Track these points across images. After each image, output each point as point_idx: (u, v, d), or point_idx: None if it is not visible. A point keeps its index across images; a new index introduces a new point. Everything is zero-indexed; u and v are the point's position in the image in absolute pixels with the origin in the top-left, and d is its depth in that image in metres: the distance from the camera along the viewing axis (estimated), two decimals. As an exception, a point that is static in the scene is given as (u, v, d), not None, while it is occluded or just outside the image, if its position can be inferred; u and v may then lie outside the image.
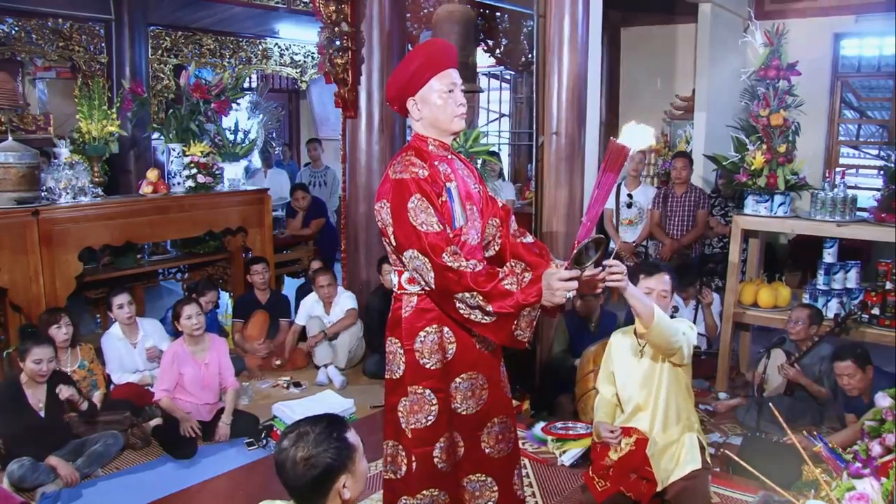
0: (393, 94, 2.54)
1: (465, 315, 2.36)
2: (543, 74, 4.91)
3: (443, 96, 2.45)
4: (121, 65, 7.42)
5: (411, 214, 2.34)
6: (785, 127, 4.90)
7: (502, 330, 2.35)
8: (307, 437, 1.88)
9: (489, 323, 2.34)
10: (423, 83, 2.45)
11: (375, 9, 5.55)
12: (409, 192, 2.36)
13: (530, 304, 2.29)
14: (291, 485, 1.89)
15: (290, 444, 1.88)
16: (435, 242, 2.31)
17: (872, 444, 1.76)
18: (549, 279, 2.28)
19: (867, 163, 7.72)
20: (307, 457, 1.86)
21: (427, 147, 2.51)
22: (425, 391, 2.51)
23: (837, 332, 4.58)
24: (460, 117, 2.51)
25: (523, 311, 2.30)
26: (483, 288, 2.28)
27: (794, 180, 4.93)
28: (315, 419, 1.95)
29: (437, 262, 2.30)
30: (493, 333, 2.39)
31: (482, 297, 2.28)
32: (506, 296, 2.28)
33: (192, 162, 5.64)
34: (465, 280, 2.28)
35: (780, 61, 4.88)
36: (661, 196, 6.17)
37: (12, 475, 3.64)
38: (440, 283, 2.33)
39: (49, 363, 3.85)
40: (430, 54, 2.48)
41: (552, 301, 2.28)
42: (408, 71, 2.47)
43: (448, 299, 2.36)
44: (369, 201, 5.69)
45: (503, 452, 2.65)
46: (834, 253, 5.00)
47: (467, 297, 2.30)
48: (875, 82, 7.65)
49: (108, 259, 5.62)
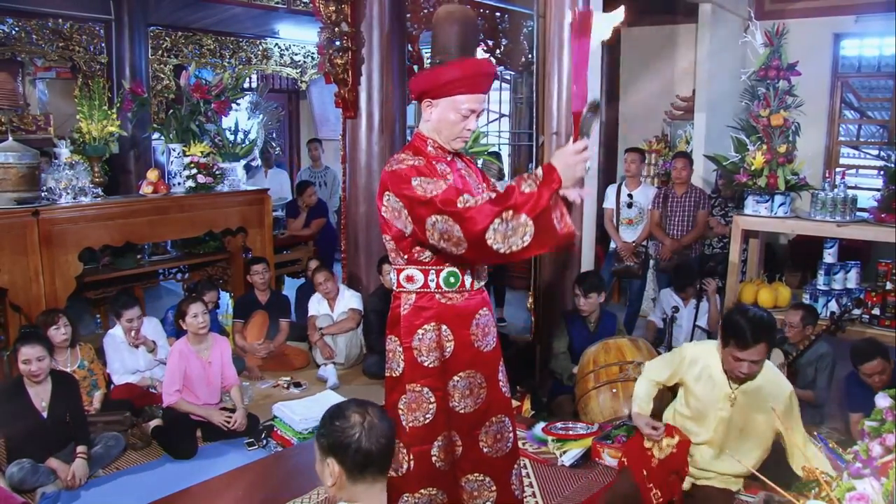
0: (419, 88, 2.51)
1: (506, 250, 2.24)
2: (543, 75, 4.92)
3: (458, 115, 2.45)
4: (121, 65, 7.42)
5: (419, 189, 2.33)
6: (785, 127, 4.90)
7: (547, 232, 2.24)
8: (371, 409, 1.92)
9: (533, 238, 2.23)
10: (451, 94, 2.43)
11: (375, 9, 5.55)
12: (410, 174, 2.36)
13: (556, 190, 2.24)
14: (381, 452, 1.87)
15: (360, 418, 1.87)
16: (446, 197, 2.28)
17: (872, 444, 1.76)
18: (562, 158, 2.28)
19: (867, 163, 7.72)
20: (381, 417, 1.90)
21: (426, 148, 2.51)
22: (423, 389, 2.51)
23: (834, 330, 4.59)
24: (461, 140, 2.51)
25: (553, 199, 2.23)
26: (508, 202, 2.22)
27: (794, 180, 4.94)
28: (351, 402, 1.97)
29: (456, 210, 2.25)
30: (541, 244, 2.27)
31: (512, 211, 2.20)
32: (531, 196, 2.21)
33: (193, 162, 5.63)
34: (487, 209, 2.23)
35: (780, 61, 4.89)
36: (661, 196, 6.17)
37: (12, 477, 3.63)
38: (468, 229, 2.24)
39: (39, 361, 3.78)
40: (475, 74, 2.46)
41: (574, 177, 2.27)
42: (446, 76, 2.44)
43: (483, 244, 2.24)
44: (369, 202, 5.69)
45: (501, 452, 2.65)
46: (834, 253, 5.01)
47: (498, 225, 2.21)
48: (875, 82, 7.65)
49: (109, 259, 5.62)
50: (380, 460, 1.87)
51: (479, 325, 2.57)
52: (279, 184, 8.39)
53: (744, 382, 3.06)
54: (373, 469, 1.86)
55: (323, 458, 1.88)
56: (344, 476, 1.85)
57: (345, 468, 1.85)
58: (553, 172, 2.25)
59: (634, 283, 6.50)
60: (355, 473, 1.84)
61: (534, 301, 5.46)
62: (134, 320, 4.82)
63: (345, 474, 1.85)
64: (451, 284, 2.50)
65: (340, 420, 1.87)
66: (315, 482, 3.67)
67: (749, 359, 2.93)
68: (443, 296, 2.50)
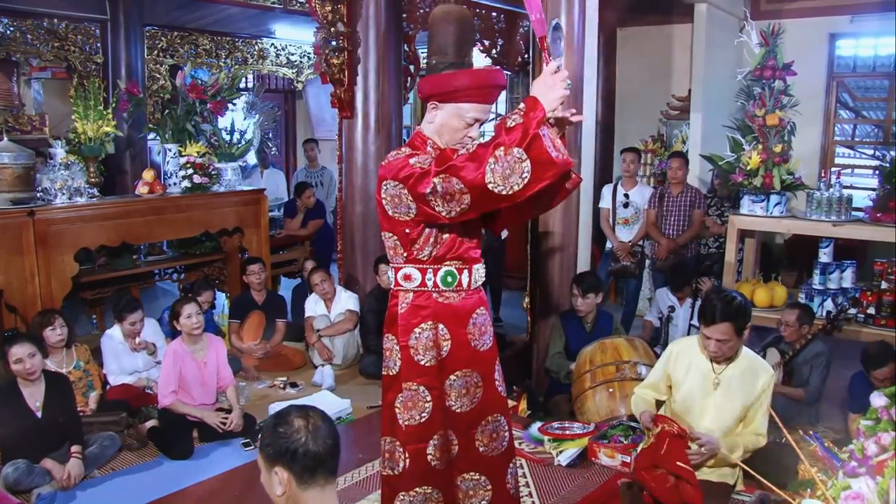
0: (428, 90, 2.51)
1: (508, 192, 2.20)
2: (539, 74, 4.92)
3: (462, 123, 2.45)
4: (116, 65, 7.40)
5: (416, 165, 2.33)
6: (781, 127, 4.91)
7: (543, 162, 2.19)
8: (311, 412, 1.88)
9: (531, 172, 2.19)
10: (459, 101, 2.43)
11: (371, 9, 5.55)
12: (407, 158, 2.37)
13: (542, 117, 2.21)
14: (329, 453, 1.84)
15: (303, 422, 1.84)
16: (440, 157, 2.32)
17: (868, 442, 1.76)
18: (540, 84, 2.27)
19: (863, 163, 7.74)
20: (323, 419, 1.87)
21: (425, 148, 2.51)
22: (419, 388, 2.51)
23: (830, 329, 4.60)
24: (461, 146, 2.49)
25: (542, 127, 2.20)
26: (496, 140, 2.20)
27: (789, 180, 4.95)
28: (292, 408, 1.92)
29: (451, 163, 2.25)
30: (541, 177, 2.21)
31: (503, 148, 2.18)
32: (517, 129, 2.19)
33: (189, 162, 5.63)
34: (479, 151, 2.22)
35: (775, 61, 4.90)
36: (657, 196, 6.18)
37: (7, 478, 3.62)
38: (467, 178, 2.22)
39: (31, 358, 3.78)
40: (485, 86, 2.46)
41: (558, 98, 2.24)
42: (457, 83, 2.43)
43: (487, 190, 2.21)
44: (366, 202, 5.69)
45: (497, 451, 2.65)
46: (830, 252, 5.02)
47: (493, 164, 2.18)
48: (870, 82, 7.67)
49: (105, 260, 5.61)
50: (328, 461, 1.83)
51: (476, 324, 2.58)
52: (275, 184, 8.38)
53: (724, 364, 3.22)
54: (322, 471, 1.82)
55: (269, 468, 1.84)
56: (294, 483, 1.81)
57: (294, 474, 1.80)
58: (535, 102, 2.22)
59: (631, 283, 6.51)
60: (305, 478, 1.81)
61: (530, 301, 5.46)
62: (136, 323, 4.81)
63: (294, 481, 1.81)
64: (448, 283, 2.50)
65: (284, 426, 1.83)
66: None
67: (714, 336, 3.09)
68: (440, 295, 2.50)
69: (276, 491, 1.83)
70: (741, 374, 3.23)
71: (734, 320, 3.07)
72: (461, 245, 2.50)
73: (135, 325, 4.80)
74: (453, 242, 2.49)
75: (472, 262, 2.55)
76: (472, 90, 2.42)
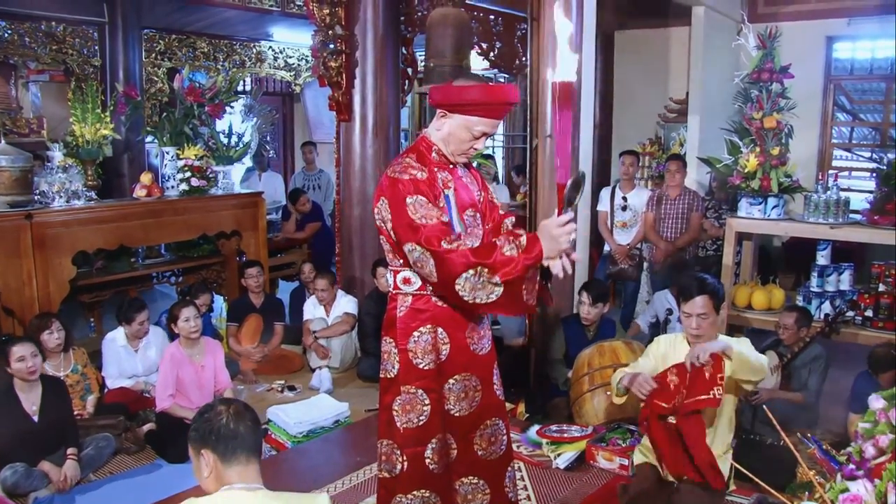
0: (439, 99, 2.50)
1: (470, 300, 2.31)
2: (537, 77, 4.92)
3: (469, 135, 2.46)
4: (114, 68, 7.40)
5: (410, 209, 2.34)
6: (778, 129, 4.92)
7: (512, 300, 2.32)
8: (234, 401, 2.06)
9: (499, 298, 2.30)
10: (468, 114, 2.43)
11: (369, 12, 5.55)
12: (408, 190, 2.37)
13: (535, 262, 2.28)
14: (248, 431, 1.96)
15: (224, 406, 1.99)
16: (431, 233, 2.31)
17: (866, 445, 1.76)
18: (547, 230, 2.29)
19: (860, 165, 7.73)
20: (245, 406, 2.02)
21: (430, 153, 2.51)
22: (418, 391, 2.51)
23: (828, 332, 4.60)
24: (465, 156, 2.55)
25: (529, 272, 2.29)
26: (487, 259, 2.26)
27: (787, 183, 4.95)
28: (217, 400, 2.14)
29: (436, 248, 2.29)
30: (504, 307, 2.36)
31: (487, 269, 2.25)
32: (509, 262, 2.26)
33: (186, 165, 5.62)
34: (467, 258, 2.26)
35: (773, 64, 4.91)
36: (654, 199, 6.18)
37: (5, 481, 3.62)
38: (441, 270, 2.30)
39: (34, 357, 3.80)
40: (494, 102, 2.44)
41: (558, 249, 2.28)
42: (469, 96, 2.42)
43: (451, 287, 2.31)
44: (363, 205, 5.69)
45: (495, 455, 2.66)
46: (827, 255, 5.02)
47: (471, 275, 2.26)
48: (867, 85, 7.67)
49: (102, 263, 5.60)
50: (249, 439, 1.95)
51: (475, 328, 2.58)
52: (273, 187, 8.37)
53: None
54: (244, 448, 1.94)
55: (196, 453, 1.96)
56: (218, 462, 1.92)
57: (217, 453, 1.92)
58: (536, 244, 2.28)
59: (629, 286, 6.51)
60: (228, 455, 1.92)
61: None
62: (144, 323, 4.79)
63: (218, 461, 1.92)
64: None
65: (208, 412, 1.98)
66: (311, 485, 3.67)
67: (694, 312, 3.19)
68: (439, 298, 2.50)
69: (203, 474, 1.95)
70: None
71: (711, 294, 3.22)
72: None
73: (143, 325, 4.79)
74: None
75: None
76: (483, 106, 2.42)
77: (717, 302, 3.25)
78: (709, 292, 3.22)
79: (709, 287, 3.25)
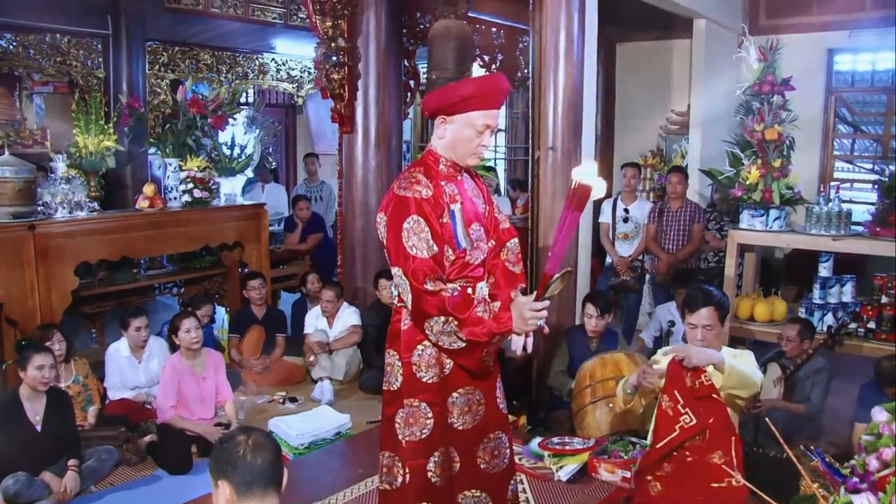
0: (433, 105, 2.52)
1: (434, 340, 2.42)
2: (539, 90, 4.93)
3: (474, 131, 2.46)
4: (118, 80, 7.42)
5: (405, 235, 2.36)
6: (780, 141, 4.92)
7: (472, 356, 2.43)
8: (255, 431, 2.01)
9: (459, 349, 2.40)
10: (466, 111, 2.44)
11: (372, 24, 5.58)
12: (408, 211, 2.38)
13: (502, 333, 2.37)
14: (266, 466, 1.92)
15: (244, 437, 1.95)
16: (419, 268, 2.34)
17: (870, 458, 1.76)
18: (520, 309, 2.36)
19: (862, 177, 7.74)
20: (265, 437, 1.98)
21: (438, 166, 2.51)
22: (421, 404, 2.51)
23: (831, 344, 4.59)
24: (476, 156, 2.54)
25: (494, 338, 2.37)
26: (459, 314, 2.33)
27: (789, 195, 4.95)
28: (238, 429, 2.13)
29: (417, 286, 2.34)
30: (463, 360, 2.46)
31: (457, 323, 2.34)
32: (478, 323, 2.35)
33: (189, 177, 5.64)
34: (443, 305, 2.33)
35: (774, 76, 4.91)
36: (656, 211, 6.18)
37: (7, 490, 3.61)
38: (417, 306, 2.38)
39: (50, 369, 3.82)
40: (489, 91, 2.47)
41: (524, 329, 2.38)
42: (458, 94, 2.45)
43: (420, 323, 2.41)
44: (366, 216, 5.70)
45: (498, 468, 2.65)
46: (829, 267, 5.02)
47: (441, 322, 2.35)
48: (869, 97, 7.68)
49: (105, 274, 5.61)
50: (267, 473, 1.91)
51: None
52: (276, 199, 8.39)
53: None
54: (261, 483, 1.90)
55: (215, 483, 1.93)
56: (234, 495, 1.89)
57: (233, 486, 1.89)
58: (507, 314, 2.38)
59: (630, 298, 6.50)
60: (243, 489, 1.88)
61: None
62: (142, 329, 4.75)
63: (234, 493, 1.89)
64: (452, 301, 2.50)
65: (227, 443, 1.95)
66: (312, 497, 3.66)
67: (700, 323, 3.19)
68: None
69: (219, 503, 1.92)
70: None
71: (717, 306, 3.22)
72: (465, 267, 2.51)
73: (140, 332, 4.75)
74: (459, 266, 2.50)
75: (475, 279, 2.55)
76: (479, 97, 2.44)
77: (722, 314, 3.24)
78: (714, 304, 3.21)
79: (715, 299, 3.23)
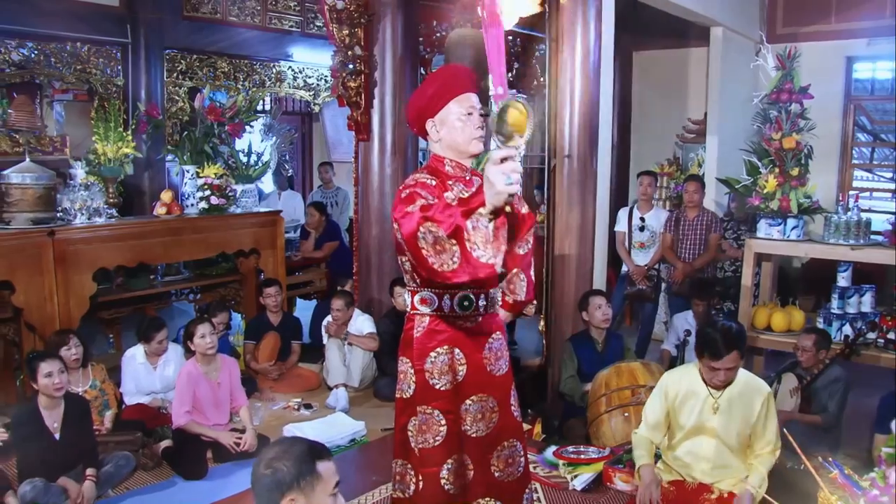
0: (412, 116, 2.57)
1: (438, 267, 2.10)
2: (555, 98, 4.93)
3: (462, 119, 2.48)
4: (136, 87, 7.50)
5: (402, 194, 2.37)
6: (797, 150, 4.89)
7: (466, 257, 2.06)
8: (283, 447, 1.97)
9: (459, 263, 2.07)
10: (442, 105, 2.48)
11: (388, 33, 5.60)
12: (409, 186, 2.40)
13: (473, 209, 2.02)
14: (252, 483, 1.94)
15: (270, 455, 1.95)
16: (401, 203, 2.32)
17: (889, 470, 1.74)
18: (485, 175, 1.97)
19: (881, 186, 7.69)
20: (270, 459, 1.93)
21: (443, 168, 2.52)
22: (434, 412, 2.50)
23: (848, 354, 4.55)
24: (478, 140, 2.52)
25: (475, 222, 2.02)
26: (430, 213, 2.10)
27: (807, 203, 4.92)
28: (302, 440, 2.03)
29: (400, 210, 2.25)
30: (467, 272, 2.08)
31: (431, 222, 2.08)
32: (452, 213, 2.07)
33: (206, 184, 5.67)
34: (418, 214, 2.12)
35: (792, 85, 4.89)
36: (673, 219, 6.16)
37: (25, 496, 3.63)
38: (403, 229, 2.17)
39: (60, 374, 3.82)
40: (449, 78, 2.53)
41: (496, 193, 1.94)
42: (426, 93, 2.51)
43: (418, 254, 2.13)
44: (381, 224, 5.71)
45: (513, 476, 2.64)
46: (848, 277, 4.97)
47: (425, 232, 2.08)
48: (888, 105, 7.63)
49: (122, 280, 5.65)
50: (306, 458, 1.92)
51: (492, 348, 2.57)
52: (293, 206, 8.44)
53: (722, 389, 3.28)
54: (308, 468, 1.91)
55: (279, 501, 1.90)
56: (304, 495, 1.90)
57: (299, 488, 1.89)
58: (478, 195, 2.03)
59: (646, 307, 6.47)
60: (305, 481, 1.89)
61: (545, 324, 5.44)
62: (163, 342, 4.83)
63: (303, 494, 1.90)
64: (465, 308, 2.50)
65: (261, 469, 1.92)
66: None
67: (724, 367, 3.18)
68: (457, 319, 2.50)
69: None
70: (739, 394, 3.29)
71: (739, 347, 3.20)
72: None
73: (161, 344, 4.83)
74: None
75: (488, 286, 2.54)
76: (444, 87, 2.49)
77: (743, 350, 3.23)
78: (738, 347, 3.19)
79: (737, 342, 3.19)
